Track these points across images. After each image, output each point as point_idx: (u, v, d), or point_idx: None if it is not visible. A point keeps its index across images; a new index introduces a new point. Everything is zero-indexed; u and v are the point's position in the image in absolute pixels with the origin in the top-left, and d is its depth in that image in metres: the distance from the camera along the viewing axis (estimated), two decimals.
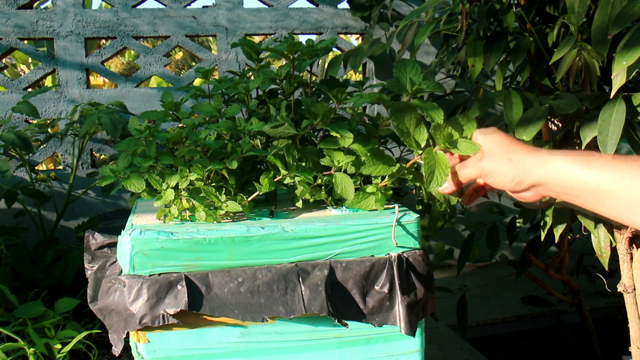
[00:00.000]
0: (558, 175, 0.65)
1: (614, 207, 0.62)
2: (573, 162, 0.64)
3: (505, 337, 1.72)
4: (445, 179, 0.75)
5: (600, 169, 0.62)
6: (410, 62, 0.83)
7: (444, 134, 0.75)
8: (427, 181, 0.73)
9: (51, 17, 1.74)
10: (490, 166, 0.70)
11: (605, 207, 0.63)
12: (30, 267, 1.33)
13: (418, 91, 0.81)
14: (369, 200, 0.80)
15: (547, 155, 0.67)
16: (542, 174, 0.66)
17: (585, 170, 0.63)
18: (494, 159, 0.70)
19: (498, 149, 0.70)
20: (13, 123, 1.73)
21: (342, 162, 0.80)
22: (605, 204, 0.62)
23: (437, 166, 0.74)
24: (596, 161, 0.63)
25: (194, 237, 0.68)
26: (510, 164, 0.68)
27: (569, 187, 0.65)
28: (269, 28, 1.87)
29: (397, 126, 0.76)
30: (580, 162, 0.64)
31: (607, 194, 0.62)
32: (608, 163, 0.62)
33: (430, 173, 0.74)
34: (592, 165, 0.63)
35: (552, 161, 0.66)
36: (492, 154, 0.71)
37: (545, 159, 0.67)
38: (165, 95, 0.94)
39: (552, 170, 0.66)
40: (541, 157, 0.67)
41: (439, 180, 0.74)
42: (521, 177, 0.68)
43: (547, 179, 0.66)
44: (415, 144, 0.77)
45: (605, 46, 0.90)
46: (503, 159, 0.69)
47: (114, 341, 0.69)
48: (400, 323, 0.72)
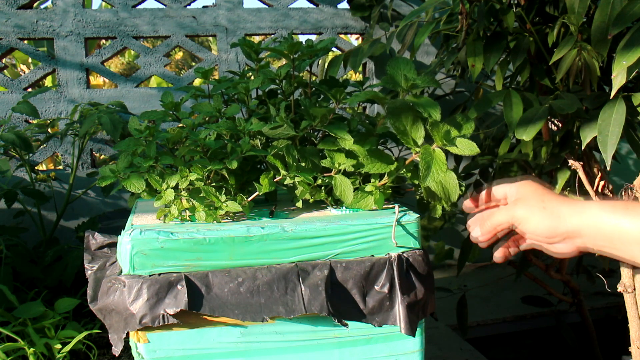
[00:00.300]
0: (596, 224, 0.61)
1: None
2: (612, 210, 0.60)
3: (505, 337, 1.72)
4: (442, 176, 0.74)
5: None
6: (404, 60, 0.83)
7: (441, 131, 0.75)
8: (422, 176, 0.73)
9: (51, 17, 1.74)
10: (523, 213, 0.68)
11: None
12: (30, 267, 1.33)
13: (413, 87, 0.81)
14: (367, 199, 0.81)
15: (583, 203, 0.64)
16: (579, 223, 0.63)
17: (626, 219, 0.59)
18: (527, 206, 0.68)
19: (532, 197, 0.68)
20: (13, 123, 1.73)
21: (343, 165, 0.80)
22: None
23: (434, 162, 0.74)
24: (637, 208, 0.59)
25: (194, 237, 0.68)
26: (545, 212, 0.66)
27: (608, 237, 0.61)
28: (269, 28, 1.87)
29: (393, 124, 0.76)
30: (620, 209, 0.60)
31: None
32: None
33: (426, 168, 0.73)
34: (633, 212, 0.59)
35: (589, 209, 0.62)
36: (525, 201, 0.68)
37: (581, 208, 0.63)
38: (165, 95, 0.94)
39: (589, 218, 0.62)
40: (577, 205, 0.64)
41: (435, 175, 0.73)
42: (555, 226, 0.64)
43: (584, 229, 0.62)
44: (412, 142, 0.77)
45: (605, 46, 0.90)
46: (537, 207, 0.67)
47: (114, 341, 0.69)
48: (400, 323, 0.71)
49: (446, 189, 0.77)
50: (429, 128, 0.75)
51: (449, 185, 0.77)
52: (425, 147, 0.75)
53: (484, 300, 1.83)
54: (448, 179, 0.77)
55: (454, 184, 0.78)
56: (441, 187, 0.77)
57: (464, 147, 0.75)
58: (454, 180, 0.78)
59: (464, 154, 0.76)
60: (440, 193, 0.77)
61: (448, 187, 0.77)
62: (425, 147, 0.75)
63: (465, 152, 0.75)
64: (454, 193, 0.78)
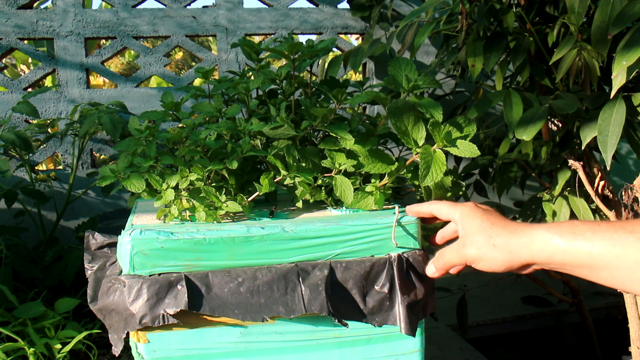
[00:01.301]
0: (547, 253, 0.62)
1: (609, 278, 0.59)
2: (560, 236, 0.61)
3: (505, 337, 1.72)
4: (441, 176, 0.74)
5: (590, 241, 0.59)
6: (405, 60, 0.83)
7: (442, 132, 0.75)
8: (422, 175, 0.73)
9: (51, 17, 1.74)
10: (475, 254, 0.67)
11: (601, 277, 0.60)
12: (30, 267, 1.33)
13: (415, 87, 0.81)
14: (368, 200, 0.81)
15: (531, 232, 0.63)
16: (531, 255, 0.63)
17: (573, 244, 0.60)
18: (477, 247, 0.67)
19: (480, 235, 0.67)
20: (13, 123, 1.73)
21: (344, 165, 0.80)
22: (601, 275, 0.59)
23: (433, 162, 0.74)
24: (583, 232, 0.60)
25: (194, 237, 0.68)
26: (496, 250, 0.65)
27: (560, 263, 0.62)
28: (269, 28, 1.87)
29: (395, 124, 0.76)
30: (568, 235, 0.60)
31: (600, 265, 0.58)
32: (596, 233, 0.59)
33: (426, 168, 0.73)
34: (581, 237, 0.59)
35: (538, 239, 0.62)
36: (473, 240, 0.67)
37: (530, 239, 0.63)
38: (165, 95, 0.94)
39: (539, 248, 0.62)
40: (525, 236, 0.64)
41: (434, 176, 0.73)
42: (509, 262, 0.65)
43: (537, 258, 0.63)
44: (413, 142, 0.77)
45: (605, 46, 0.90)
46: (487, 246, 0.66)
47: (114, 341, 0.69)
48: (400, 323, 0.72)
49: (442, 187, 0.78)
50: (430, 128, 0.76)
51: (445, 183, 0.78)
52: (425, 147, 0.75)
53: (484, 300, 1.83)
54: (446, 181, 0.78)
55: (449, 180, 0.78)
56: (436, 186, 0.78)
57: (465, 149, 0.76)
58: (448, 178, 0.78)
59: (465, 156, 0.76)
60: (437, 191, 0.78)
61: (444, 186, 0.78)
62: (425, 147, 0.75)
63: (465, 154, 0.75)
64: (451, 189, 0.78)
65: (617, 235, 0.58)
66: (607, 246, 0.58)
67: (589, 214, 1.11)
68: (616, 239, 0.57)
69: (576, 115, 1.05)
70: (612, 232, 0.58)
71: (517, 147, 1.23)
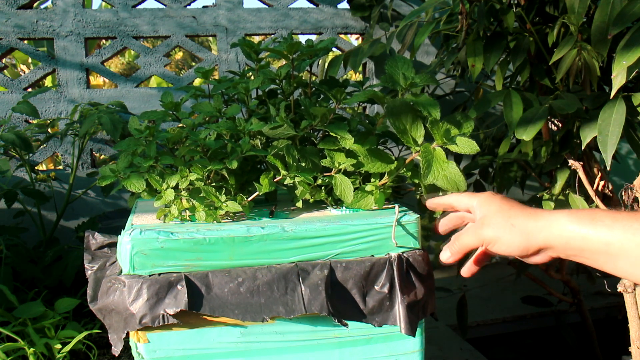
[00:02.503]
0: (564, 238, 0.62)
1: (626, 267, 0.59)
2: (578, 222, 0.61)
3: (505, 337, 1.72)
4: (442, 174, 0.74)
5: (609, 228, 0.59)
6: (402, 58, 0.83)
7: (441, 129, 0.75)
8: (424, 174, 0.73)
9: (51, 17, 1.74)
10: (492, 234, 0.67)
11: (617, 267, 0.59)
12: (30, 267, 1.33)
13: (412, 85, 0.81)
14: (368, 199, 0.81)
15: (550, 217, 0.64)
16: (548, 238, 0.63)
17: (592, 230, 0.60)
18: (495, 227, 0.67)
19: (498, 216, 0.67)
20: (13, 123, 1.73)
21: (343, 165, 0.80)
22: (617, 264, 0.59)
23: (434, 160, 0.74)
24: (603, 219, 0.59)
25: (194, 237, 0.68)
26: (514, 231, 0.65)
27: (577, 248, 0.61)
28: (269, 28, 1.87)
29: (393, 123, 0.76)
30: (587, 221, 0.60)
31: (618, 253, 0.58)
32: (616, 221, 0.59)
33: (427, 166, 0.73)
34: (600, 224, 0.59)
35: (556, 223, 0.63)
36: (492, 221, 0.67)
37: (548, 222, 0.63)
38: (165, 95, 0.94)
39: (557, 232, 0.62)
40: (544, 219, 0.64)
41: (436, 173, 0.73)
42: (526, 244, 0.65)
43: (554, 242, 0.63)
44: (412, 141, 0.77)
45: (605, 46, 0.90)
46: (505, 227, 0.66)
47: (114, 341, 0.69)
48: (400, 323, 0.71)
49: (452, 181, 0.77)
50: (428, 126, 0.75)
51: (455, 177, 0.78)
52: (425, 145, 0.75)
53: (484, 300, 1.83)
54: (452, 172, 0.77)
55: (458, 174, 0.78)
56: (447, 180, 0.77)
57: (464, 146, 0.76)
58: (457, 172, 0.78)
59: (464, 153, 0.76)
60: (448, 186, 0.77)
61: (455, 179, 0.78)
62: (425, 145, 0.75)
63: (465, 151, 0.75)
64: (462, 183, 0.78)
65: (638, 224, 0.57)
66: (628, 234, 0.57)
67: None
68: (637, 228, 0.57)
69: (576, 115, 1.05)
70: (632, 220, 0.58)
71: (517, 147, 1.23)
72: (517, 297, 1.72)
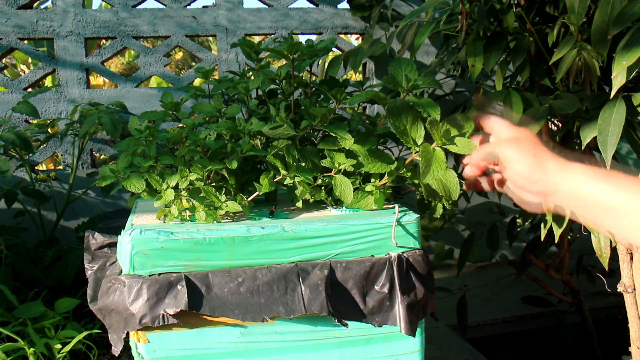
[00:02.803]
0: (575, 186, 0.63)
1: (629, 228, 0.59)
2: (594, 177, 0.62)
3: (505, 337, 1.72)
4: (441, 174, 0.74)
5: (622, 187, 0.59)
6: (406, 60, 0.83)
7: (440, 130, 0.75)
8: (423, 173, 0.73)
9: (51, 17, 1.74)
10: (514, 154, 0.67)
11: (619, 226, 0.60)
12: (30, 267, 1.33)
13: (414, 87, 0.81)
14: (367, 199, 0.81)
15: (568, 164, 0.65)
16: (560, 181, 0.64)
17: (605, 186, 0.60)
18: (519, 149, 0.67)
19: (527, 142, 0.68)
20: (13, 123, 1.73)
21: (343, 165, 0.80)
22: (620, 224, 0.60)
23: (433, 160, 0.74)
24: (618, 178, 0.60)
25: (194, 237, 0.68)
26: (534, 160, 0.66)
27: (583, 200, 0.62)
28: (269, 28, 1.87)
29: (394, 124, 0.76)
30: (602, 177, 0.61)
31: (624, 213, 0.59)
32: (630, 181, 0.60)
33: (426, 165, 0.73)
34: (614, 181, 0.60)
35: (573, 171, 0.64)
36: (519, 144, 0.68)
37: (567, 167, 0.64)
38: (165, 95, 0.94)
39: (570, 179, 0.63)
40: (564, 164, 0.65)
41: (435, 173, 0.74)
42: (538, 177, 0.65)
43: (563, 187, 0.64)
44: (412, 141, 0.77)
45: (605, 46, 0.90)
46: (529, 153, 0.67)
47: (114, 341, 0.69)
48: (400, 323, 0.71)
49: (446, 187, 0.77)
50: (428, 127, 0.76)
51: (449, 184, 0.78)
52: (425, 145, 0.76)
53: (484, 300, 1.83)
54: (448, 177, 0.77)
55: (454, 182, 0.78)
56: (442, 184, 0.77)
57: (464, 146, 0.76)
58: (454, 179, 0.78)
59: (463, 153, 0.76)
60: (441, 191, 0.77)
61: (449, 185, 0.77)
62: (425, 145, 0.76)
63: (464, 151, 0.75)
64: (454, 191, 0.78)
65: None
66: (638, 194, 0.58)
67: None
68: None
69: (576, 115, 1.05)
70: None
71: None
72: (517, 297, 1.72)
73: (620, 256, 1.03)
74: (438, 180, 0.77)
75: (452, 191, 0.78)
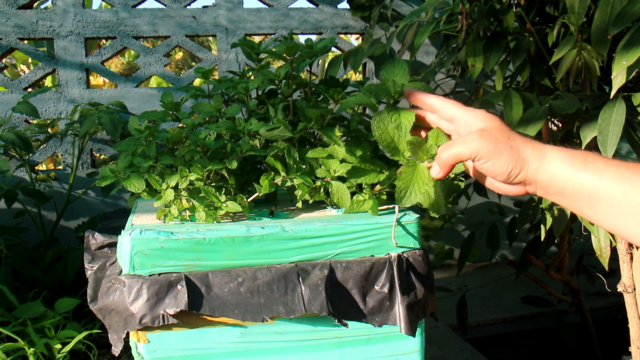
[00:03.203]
0: (553, 172, 0.60)
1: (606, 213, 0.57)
2: (571, 161, 0.59)
3: (505, 337, 1.72)
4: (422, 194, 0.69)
5: (600, 172, 0.57)
6: (400, 63, 0.78)
7: (425, 147, 0.70)
8: (398, 198, 0.69)
9: (51, 17, 1.74)
10: (489, 149, 0.62)
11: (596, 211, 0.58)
12: (30, 267, 1.33)
13: (401, 94, 0.76)
14: (363, 207, 0.80)
15: (543, 148, 0.61)
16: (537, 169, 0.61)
17: (582, 172, 0.58)
18: (494, 143, 0.62)
19: (499, 133, 0.62)
20: (13, 123, 1.73)
21: (338, 172, 0.78)
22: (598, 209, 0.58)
23: (415, 181, 0.70)
24: (595, 162, 0.58)
25: (194, 237, 0.68)
26: (512, 152, 0.61)
27: (561, 187, 0.60)
28: (269, 28, 1.87)
29: (379, 136, 0.71)
30: (579, 161, 0.59)
31: (602, 198, 0.57)
32: (608, 166, 0.58)
33: (404, 189, 0.69)
34: (592, 166, 0.58)
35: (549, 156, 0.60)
36: (492, 135, 0.62)
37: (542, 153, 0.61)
38: (165, 95, 0.94)
39: (547, 165, 0.60)
40: (540, 150, 0.61)
41: (413, 197, 0.69)
42: (518, 169, 0.62)
43: (541, 175, 0.61)
44: (400, 155, 0.72)
45: (605, 46, 0.90)
46: (505, 145, 0.61)
47: (114, 341, 0.69)
48: (400, 323, 0.71)
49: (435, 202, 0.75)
50: (408, 146, 0.70)
51: (438, 197, 0.75)
52: (410, 163, 0.71)
53: (484, 300, 1.83)
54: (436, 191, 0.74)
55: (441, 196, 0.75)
56: (428, 198, 0.74)
57: None
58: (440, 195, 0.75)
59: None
60: (428, 205, 0.75)
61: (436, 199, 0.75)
62: (410, 163, 0.71)
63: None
64: (442, 205, 0.76)
65: (630, 173, 0.56)
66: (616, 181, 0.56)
67: None
68: (628, 176, 0.56)
69: (576, 115, 1.05)
70: (624, 168, 0.57)
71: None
72: (517, 297, 1.72)
73: (620, 256, 1.03)
74: (425, 194, 0.72)
75: (439, 205, 0.76)
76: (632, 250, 1.02)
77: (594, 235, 1.05)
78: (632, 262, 1.01)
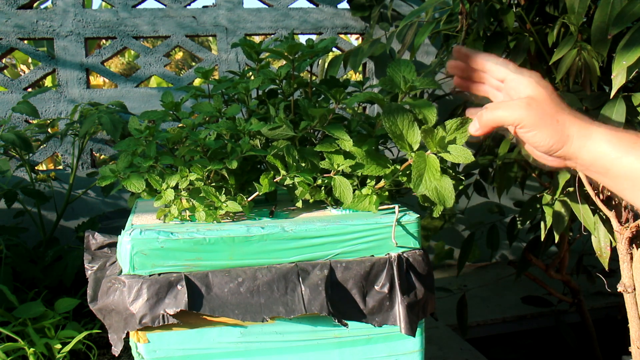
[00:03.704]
0: (597, 153, 0.58)
1: None
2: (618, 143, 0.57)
3: (505, 337, 1.72)
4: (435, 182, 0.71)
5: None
6: (405, 62, 0.81)
7: (436, 137, 0.73)
8: (415, 185, 0.70)
9: (51, 17, 1.74)
10: (534, 120, 0.60)
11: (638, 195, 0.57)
12: (30, 267, 1.33)
13: (412, 89, 0.79)
14: (364, 202, 0.80)
15: (591, 127, 0.59)
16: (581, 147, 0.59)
17: (629, 155, 0.57)
18: (541, 113, 0.59)
19: (548, 104, 0.60)
20: (13, 123, 1.73)
21: (342, 166, 0.79)
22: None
23: (427, 170, 0.71)
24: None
25: (194, 237, 0.68)
26: (557, 127, 0.59)
27: (605, 168, 0.58)
28: (269, 28, 1.87)
29: (389, 128, 0.74)
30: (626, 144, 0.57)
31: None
32: None
33: (418, 177, 0.71)
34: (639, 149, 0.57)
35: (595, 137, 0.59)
36: (540, 106, 0.60)
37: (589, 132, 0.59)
38: (165, 95, 0.94)
39: (593, 145, 0.59)
40: (586, 128, 0.59)
41: (428, 184, 0.71)
42: (560, 145, 0.60)
43: (585, 154, 0.59)
44: (408, 146, 0.75)
45: (605, 46, 0.90)
46: (551, 118, 0.59)
47: (114, 341, 0.69)
48: (400, 323, 0.71)
49: (441, 194, 0.75)
50: (421, 135, 0.73)
51: (444, 191, 0.76)
52: (419, 153, 0.73)
53: (484, 300, 1.83)
54: (443, 184, 0.75)
55: (449, 189, 0.76)
56: (436, 192, 0.75)
57: (459, 155, 0.73)
58: (449, 186, 0.76)
59: (458, 162, 0.73)
60: (435, 199, 0.76)
61: (443, 193, 0.76)
62: (419, 153, 0.73)
63: (459, 160, 0.73)
64: (449, 199, 0.76)
65: None
66: None
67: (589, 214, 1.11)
68: None
69: None
70: None
71: (517, 147, 1.23)
72: (517, 297, 1.72)
73: (620, 256, 1.03)
74: (432, 189, 0.74)
75: (446, 199, 0.76)
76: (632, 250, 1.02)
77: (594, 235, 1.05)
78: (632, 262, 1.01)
